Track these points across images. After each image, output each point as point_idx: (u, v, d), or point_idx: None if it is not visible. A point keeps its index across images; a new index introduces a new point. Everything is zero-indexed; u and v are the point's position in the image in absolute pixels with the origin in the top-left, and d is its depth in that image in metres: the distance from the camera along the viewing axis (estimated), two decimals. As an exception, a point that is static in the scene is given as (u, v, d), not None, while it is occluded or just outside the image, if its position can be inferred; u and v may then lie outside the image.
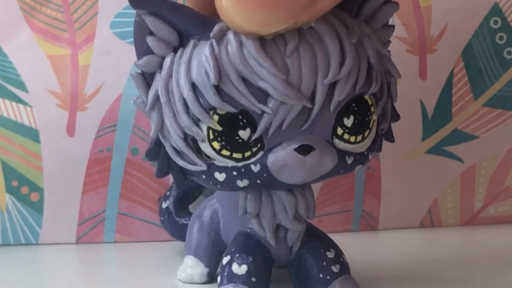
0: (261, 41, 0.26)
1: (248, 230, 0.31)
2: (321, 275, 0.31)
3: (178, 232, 0.39)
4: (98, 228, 0.43)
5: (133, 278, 0.36)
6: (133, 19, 0.42)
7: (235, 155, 0.27)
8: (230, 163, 0.28)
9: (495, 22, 0.44)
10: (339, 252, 0.32)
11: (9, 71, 0.42)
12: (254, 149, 0.27)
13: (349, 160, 0.28)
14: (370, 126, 0.28)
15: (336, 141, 0.28)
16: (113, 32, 0.42)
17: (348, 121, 0.28)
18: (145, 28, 0.28)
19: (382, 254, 0.42)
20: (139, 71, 0.29)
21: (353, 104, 0.28)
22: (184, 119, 0.27)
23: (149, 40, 0.28)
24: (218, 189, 0.29)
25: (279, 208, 0.30)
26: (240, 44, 0.26)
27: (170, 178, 0.42)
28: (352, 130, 0.28)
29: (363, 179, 0.44)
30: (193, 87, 0.27)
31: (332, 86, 0.27)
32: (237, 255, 0.30)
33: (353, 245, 0.43)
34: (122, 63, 0.42)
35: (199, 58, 0.27)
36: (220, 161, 0.28)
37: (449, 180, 0.45)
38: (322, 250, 0.31)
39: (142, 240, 0.44)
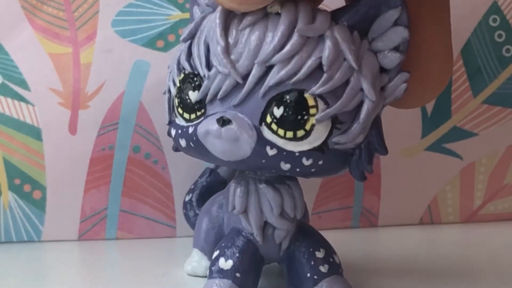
0: (229, 11, 0.28)
1: (240, 226, 0.31)
2: (308, 274, 0.31)
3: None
4: (100, 225, 0.43)
5: (135, 274, 0.36)
6: (133, 18, 0.42)
7: (185, 115, 0.29)
8: (182, 122, 0.29)
9: (494, 20, 0.44)
10: (330, 252, 0.31)
11: (11, 70, 0.42)
12: (198, 113, 0.29)
13: (271, 152, 0.28)
14: (306, 127, 0.27)
15: (265, 129, 0.28)
16: (114, 30, 0.42)
17: (277, 111, 0.27)
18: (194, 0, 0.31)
19: (381, 250, 0.42)
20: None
21: (287, 96, 0.27)
22: (172, 73, 0.30)
23: (194, 10, 0.31)
24: (175, 145, 0.30)
25: (265, 205, 0.30)
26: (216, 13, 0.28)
27: (194, 174, 0.42)
28: (281, 122, 0.27)
29: (363, 176, 0.44)
30: (188, 47, 0.29)
31: (269, 71, 0.27)
32: (225, 250, 0.31)
33: (352, 242, 0.43)
34: (123, 61, 0.42)
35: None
36: (178, 119, 0.30)
37: (448, 177, 0.45)
38: (311, 250, 0.31)
39: (144, 237, 0.44)
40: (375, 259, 0.39)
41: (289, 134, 0.28)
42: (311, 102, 0.27)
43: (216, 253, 0.31)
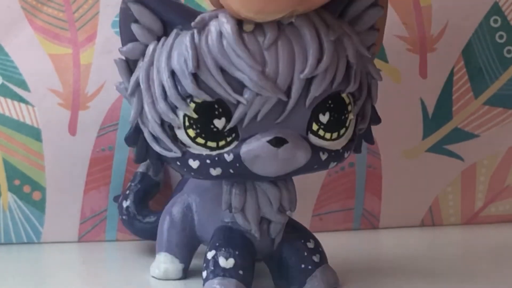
0: (241, 32, 0.27)
1: (230, 224, 0.31)
2: (302, 265, 0.31)
3: (141, 231, 0.40)
4: (100, 226, 0.43)
5: (135, 276, 0.36)
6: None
7: (210, 143, 0.28)
8: (205, 151, 0.28)
9: (495, 21, 0.44)
10: (318, 243, 0.32)
11: (11, 70, 0.42)
12: (228, 139, 0.28)
13: (323, 157, 0.29)
14: (347, 124, 0.29)
15: (311, 136, 0.28)
16: (114, 31, 0.42)
17: (324, 118, 0.28)
18: (130, 15, 0.29)
19: (383, 252, 0.42)
20: (123, 58, 0.30)
21: (330, 101, 0.28)
22: (162, 106, 0.28)
23: (134, 27, 0.29)
24: (192, 176, 0.30)
25: (263, 201, 0.30)
26: (220, 35, 0.27)
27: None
28: (328, 127, 0.28)
29: (364, 178, 0.44)
30: (172, 74, 0.28)
31: (309, 82, 0.27)
32: (223, 249, 0.31)
33: (354, 244, 0.43)
34: (123, 62, 0.42)
35: (180, 47, 0.28)
36: (195, 149, 0.29)
37: (449, 179, 0.45)
38: (302, 241, 0.32)
39: (143, 239, 0.44)
40: (376, 260, 0.39)
41: (335, 135, 0.29)
42: (347, 100, 0.29)
43: (211, 253, 0.31)
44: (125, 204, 0.40)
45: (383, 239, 0.44)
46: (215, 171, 0.28)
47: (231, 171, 0.28)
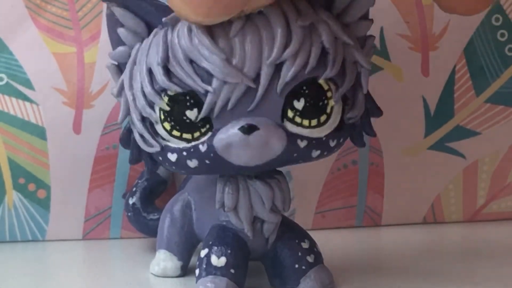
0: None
1: (224, 223, 0.32)
2: (296, 265, 0.31)
3: (146, 228, 0.40)
4: (105, 224, 0.43)
5: (140, 274, 0.36)
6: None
7: (185, 135, 0.28)
8: (182, 144, 0.29)
9: (497, 19, 0.44)
10: (313, 243, 0.32)
11: (16, 69, 0.42)
12: (203, 130, 0.28)
13: (302, 144, 0.28)
14: (327, 111, 0.29)
15: (288, 124, 0.28)
16: (118, 30, 0.42)
17: (299, 104, 0.28)
18: (116, 20, 0.29)
19: (385, 249, 0.42)
20: (115, 62, 0.31)
21: (304, 87, 0.28)
22: (141, 101, 0.29)
23: (120, 31, 0.30)
24: (173, 170, 0.30)
25: (256, 200, 0.30)
26: (190, 28, 0.28)
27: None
28: (304, 113, 0.28)
29: (366, 175, 0.44)
30: (149, 71, 0.28)
31: (279, 68, 0.27)
32: (215, 247, 0.31)
33: (356, 241, 0.43)
34: (127, 61, 0.42)
35: (155, 44, 0.28)
36: (173, 142, 0.29)
37: (451, 176, 0.45)
38: (297, 241, 0.32)
39: (148, 236, 0.44)
40: (379, 258, 0.40)
41: (314, 122, 0.28)
42: (325, 86, 0.28)
43: (204, 252, 0.31)
44: (131, 200, 0.40)
45: (385, 236, 0.44)
46: (192, 163, 0.29)
47: (207, 162, 0.28)
